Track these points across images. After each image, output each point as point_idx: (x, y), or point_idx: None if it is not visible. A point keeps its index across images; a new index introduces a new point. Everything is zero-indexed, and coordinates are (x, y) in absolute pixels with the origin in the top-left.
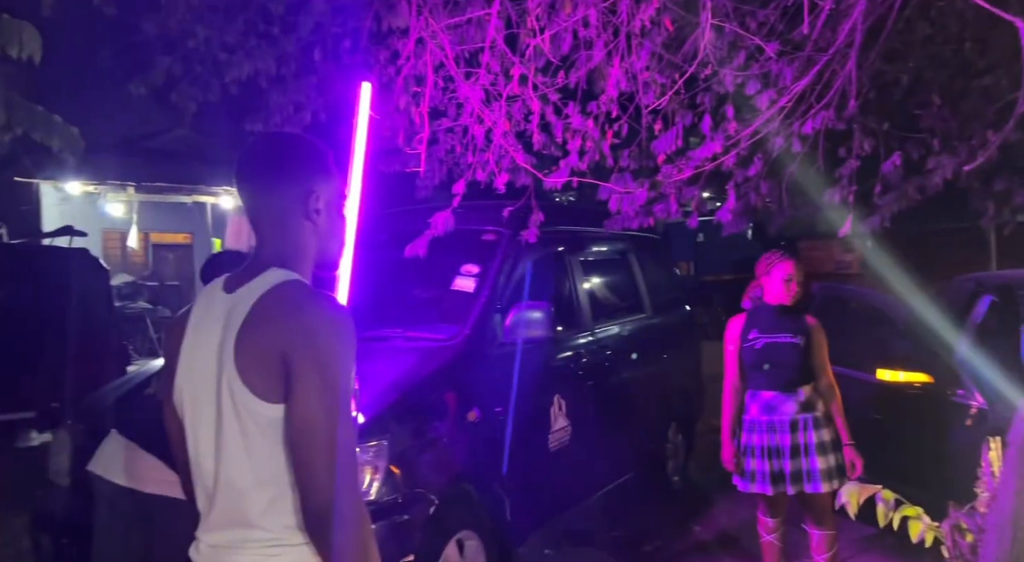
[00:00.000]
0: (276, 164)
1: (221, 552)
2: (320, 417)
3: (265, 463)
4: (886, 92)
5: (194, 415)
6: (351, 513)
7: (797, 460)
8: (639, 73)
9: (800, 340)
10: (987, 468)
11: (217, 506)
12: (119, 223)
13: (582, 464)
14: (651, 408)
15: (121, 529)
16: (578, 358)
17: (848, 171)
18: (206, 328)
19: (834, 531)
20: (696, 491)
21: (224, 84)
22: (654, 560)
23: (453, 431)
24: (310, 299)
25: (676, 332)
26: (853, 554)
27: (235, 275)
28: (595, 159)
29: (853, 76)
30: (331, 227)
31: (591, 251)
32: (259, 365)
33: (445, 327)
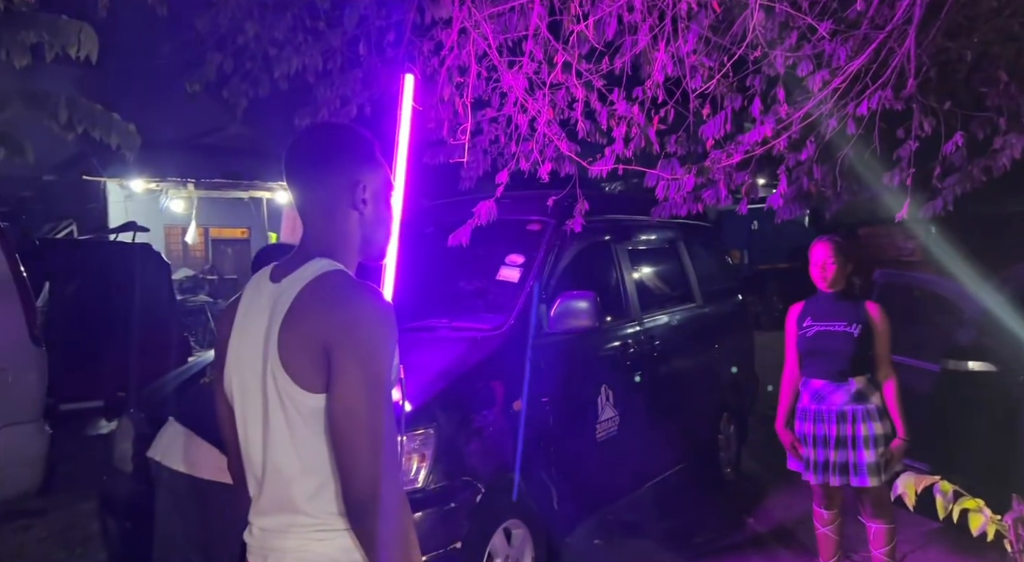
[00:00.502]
0: (324, 155)
1: (270, 535)
2: (361, 408)
3: (310, 451)
4: (948, 70)
5: (243, 402)
6: (391, 503)
7: (844, 451)
8: (686, 57)
9: (855, 329)
10: None
11: (266, 491)
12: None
13: (631, 455)
14: (702, 399)
15: (179, 513)
16: (625, 348)
17: (907, 153)
18: (253, 317)
19: (892, 525)
20: (750, 483)
21: (274, 80)
22: (706, 552)
23: (499, 420)
24: (352, 290)
25: (728, 322)
26: (914, 549)
27: (282, 264)
28: (641, 146)
29: (912, 54)
30: (377, 217)
31: (639, 240)
32: (302, 355)
33: (490, 317)
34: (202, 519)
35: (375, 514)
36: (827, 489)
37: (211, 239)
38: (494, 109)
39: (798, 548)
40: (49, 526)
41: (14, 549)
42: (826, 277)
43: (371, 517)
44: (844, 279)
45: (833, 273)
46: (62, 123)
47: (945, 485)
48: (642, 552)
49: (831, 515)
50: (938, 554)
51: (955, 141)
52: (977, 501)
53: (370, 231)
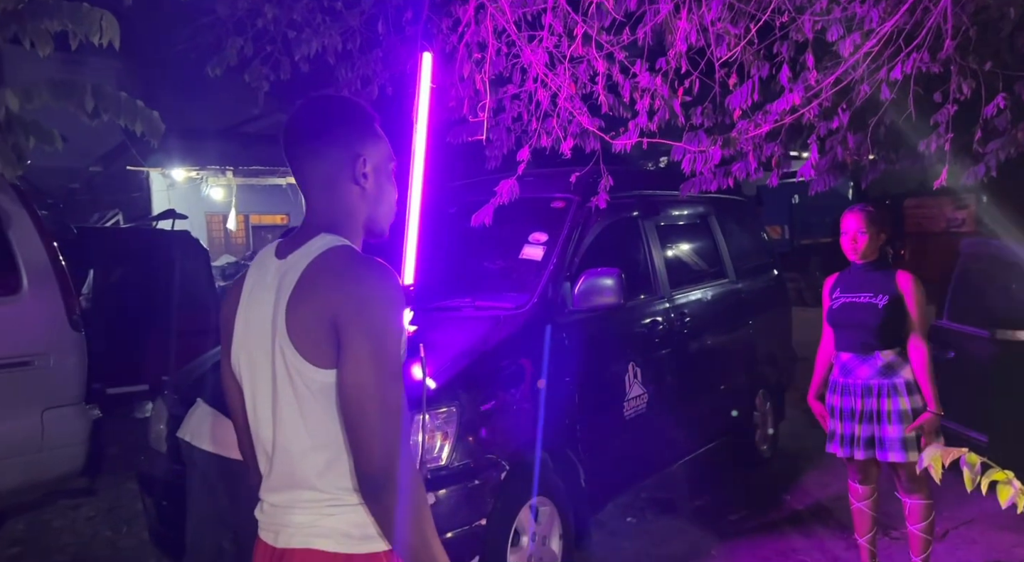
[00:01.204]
0: (323, 127)
1: (281, 511)
2: (371, 383)
3: (320, 426)
4: (990, 28)
5: (251, 379)
6: (404, 477)
7: (869, 426)
8: (710, 25)
9: (881, 300)
10: None
11: (276, 468)
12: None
13: (661, 432)
14: (735, 376)
15: (209, 493)
16: (654, 325)
17: (944, 118)
18: (259, 294)
19: (929, 500)
20: (786, 460)
21: (294, 62)
22: (740, 529)
23: (523, 398)
24: (359, 265)
25: (763, 298)
26: (956, 525)
27: (287, 241)
28: (665, 118)
29: (949, 12)
30: (380, 192)
31: (667, 215)
32: (310, 331)
33: (514, 296)
34: (231, 498)
35: (389, 489)
36: (859, 463)
37: (251, 226)
38: (515, 85)
39: (835, 526)
40: (97, 505)
41: (64, 527)
42: (857, 248)
43: (385, 492)
44: (876, 250)
45: (865, 244)
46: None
47: (972, 457)
48: (674, 529)
49: (866, 490)
50: (980, 531)
51: (996, 104)
52: (1007, 473)
53: (373, 206)
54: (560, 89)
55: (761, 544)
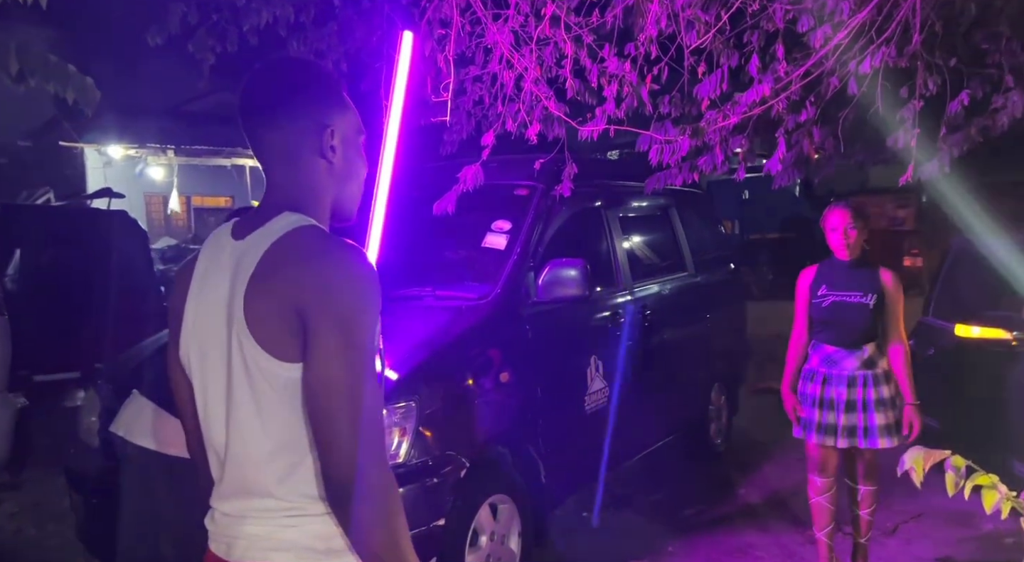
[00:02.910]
0: (284, 94)
1: (234, 521)
2: (342, 379)
3: (281, 428)
4: (952, 24)
5: (202, 374)
6: (377, 483)
7: (852, 415)
8: (680, 10)
9: (871, 299)
10: None
11: (229, 473)
12: (161, 187)
13: (620, 426)
14: (693, 369)
15: (146, 491)
16: (616, 318)
17: (911, 113)
18: (213, 279)
19: (879, 487)
20: (740, 454)
21: (242, 33)
22: (695, 524)
23: (485, 393)
24: (329, 247)
25: (720, 291)
26: (906, 519)
27: (244, 220)
28: (633, 106)
29: (918, 6)
30: (348, 168)
31: (630, 206)
32: (272, 320)
33: (476, 286)
34: (170, 497)
35: (360, 496)
36: (824, 455)
37: (193, 208)
38: (478, 67)
39: (790, 520)
40: (21, 500)
41: None
42: (848, 244)
43: (355, 499)
44: (862, 245)
45: (855, 239)
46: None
47: (958, 460)
48: (631, 525)
49: (826, 483)
50: (929, 525)
51: (960, 100)
52: (991, 477)
53: (341, 184)
54: (526, 71)
55: (718, 540)
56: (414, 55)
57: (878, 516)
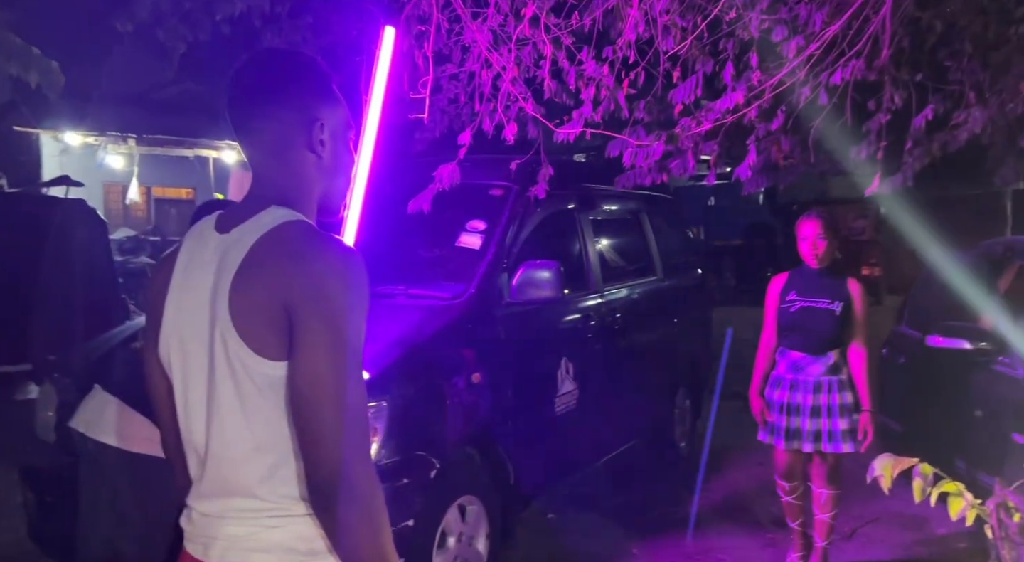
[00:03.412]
0: (275, 86)
1: (214, 522)
2: (328, 378)
3: (264, 427)
4: (918, 40)
5: (183, 371)
6: (361, 484)
7: (817, 420)
8: (658, 16)
9: (837, 306)
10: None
11: (209, 472)
12: (120, 176)
13: (589, 429)
14: (659, 373)
15: (106, 489)
16: (587, 320)
17: (877, 126)
18: (196, 273)
19: (840, 491)
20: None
21: (215, 23)
22: (659, 526)
23: (456, 393)
24: (318, 243)
25: (688, 296)
26: (863, 523)
27: (229, 213)
28: (610, 109)
29: (887, 21)
30: (337, 163)
31: (603, 210)
32: (258, 317)
33: (449, 285)
34: (133, 495)
35: (345, 498)
36: (791, 460)
37: (154, 198)
38: (455, 65)
39: (751, 522)
40: None
41: None
42: (818, 253)
43: (339, 501)
44: (832, 255)
45: (824, 249)
46: None
47: (926, 468)
48: (596, 527)
49: (793, 486)
50: (885, 529)
51: (925, 114)
52: (957, 485)
53: (329, 178)
54: (504, 71)
55: (681, 543)
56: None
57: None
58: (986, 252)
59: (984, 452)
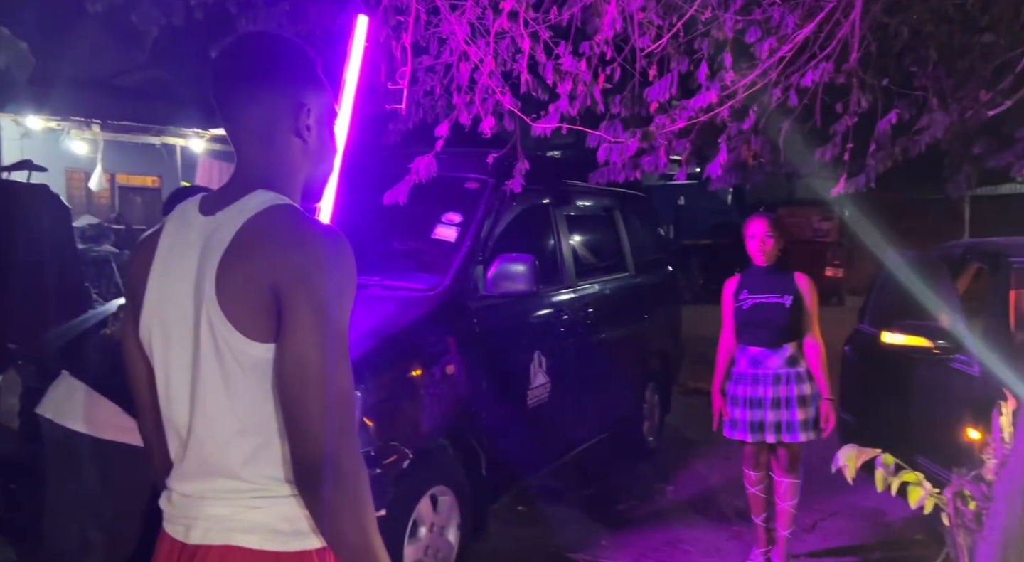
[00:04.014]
0: (263, 69)
1: (196, 503)
2: (315, 360)
3: (250, 408)
4: (886, 45)
5: (165, 353)
6: (346, 464)
7: (778, 411)
8: (635, 13)
9: (787, 300)
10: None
11: (192, 453)
12: (83, 163)
13: (560, 422)
14: (630, 368)
15: (73, 476)
16: (560, 314)
17: (843, 128)
18: (180, 254)
19: (800, 480)
20: (670, 452)
21: (189, 7)
22: (627, 518)
23: (430, 384)
24: (306, 226)
25: (658, 293)
26: (824, 517)
27: (213, 197)
28: (586, 104)
29: (857, 26)
30: (322, 147)
31: (577, 205)
32: (245, 299)
33: (425, 277)
34: (102, 482)
35: (330, 480)
36: (757, 451)
37: (118, 186)
38: (431, 57)
39: (716, 514)
40: None
41: None
42: (765, 251)
43: (326, 483)
44: (778, 253)
45: (772, 247)
46: None
47: (888, 458)
48: (565, 519)
49: (759, 476)
50: (845, 522)
51: (889, 119)
52: (916, 474)
53: (314, 163)
54: (482, 63)
55: (648, 534)
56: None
57: (799, 514)
58: (945, 254)
59: (939, 446)
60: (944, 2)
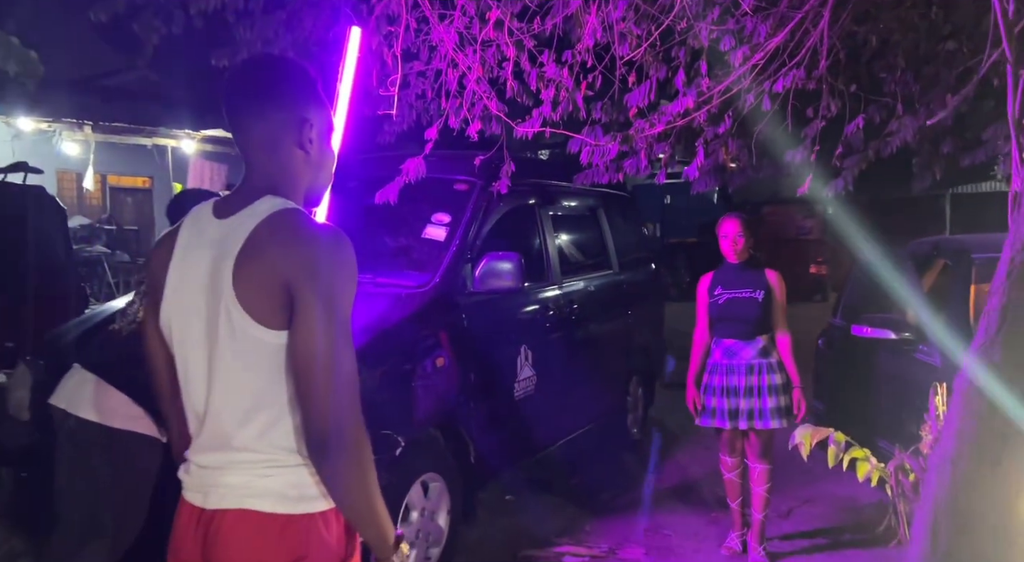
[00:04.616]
0: (270, 89)
1: (212, 472)
2: (324, 345)
3: (262, 387)
4: (855, 53)
5: (183, 338)
6: (351, 436)
7: (751, 399)
8: (615, 23)
9: (759, 294)
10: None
11: (208, 428)
12: (75, 164)
13: (546, 413)
14: (614, 362)
15: (85, 464)
16: (545, 310)
17: (813, 132)
18: (196, 253)
19: (773, 466)
20: (653, 442)
21: (189, 16)
22: (611, 506)
23: (421, 376)
24: (312, 228)
25: (641, 290)
26: (799, 504)
27: (224, 202)
28: (568, 110)
29: (825, 35)
30: (322, 159)
31: (562, 205)
32: (260, 293)
33: (415, 275)
34: (112, 469)
35: (338, 450)
36: (732, 437)
37: (109, 187)
38: (422, 63)
39: (696, 502)
40: None
41: None
42: (737, 249)
43: (333, 453)
44: (750, 250)
45: (743, 245)
46: None
47: (840, 436)
48: (551, 507)
49: (735, 462)
50: (820, 509)
51: (856, 123)
52: (864, 451)
53: (315, 172)
54: (470, 69)
55: (631, 520)
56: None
57: (775, 501)
58: (914, 250)
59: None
60: (910, 11)
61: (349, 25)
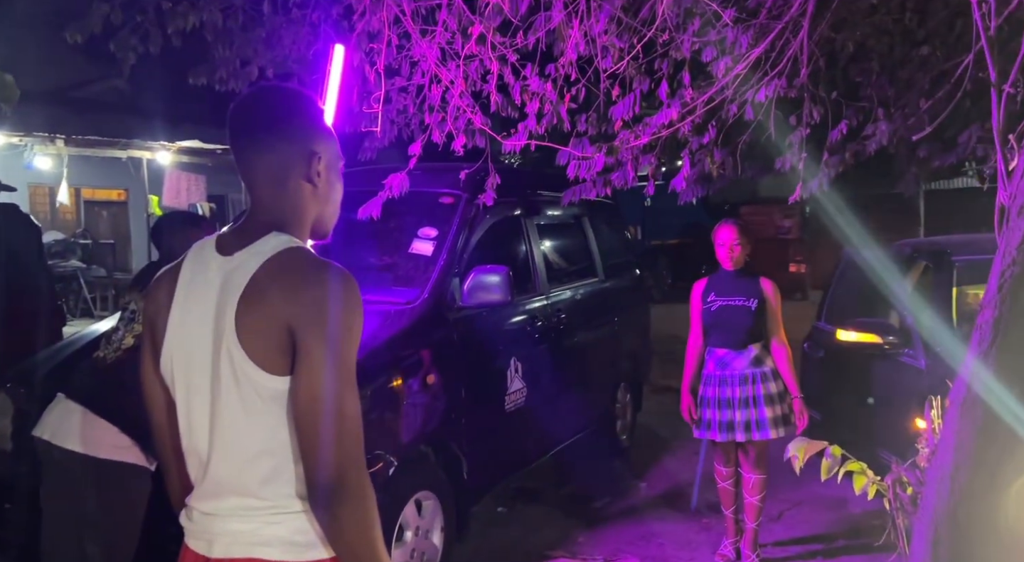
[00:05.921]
0: (278, 120)
1: (217, 520)
2: (328, 393)
3: (268, 433)
4: (833, 60)
5: (186, 381)
6: (356, 486)
7: (747, 410)
8: (598, 36)
9: (753, 303)
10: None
11: (212, 475)
12: (47, 178)
13: (537, 424)
14: (602, 369)
15: (72, 495)
16: (533, 321)
17: (798, 139)
18: (199, 292)
19: (767, 475)
20: (643, 449)
21: (166, 35)
22: (603, 515)
23: (412, 394)
24: (317, 268)
25: (627, 296)
26: (790, 507)
27: (228, 237)
28: (553, 123)
29: (805, 44)
30: (330, 191)
31: (547, 215)
32: (263, 336)
33: (403, 291)
34: (100, 500)
35: (342, 499)
36: (728, 448)
37: (84, 201)
38: (404, 78)
39: (687, 509)
40: None
41: None
42: (733, 257)
43: (337, 502)
44: (745, 258)
45: (739, 253)
46: None
47: (836, 449)
48: (543, 517)
49: (730, 471)
50: (809, 511)
51: (840, 129)
52: (860, 464)
53: (322, 205)
54: (453, 84)
55: (623, 529)
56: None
57: (767, 505)
58: (895, 253)
59: (896, 439)
60: (885, 18)
61: (331, 43)
